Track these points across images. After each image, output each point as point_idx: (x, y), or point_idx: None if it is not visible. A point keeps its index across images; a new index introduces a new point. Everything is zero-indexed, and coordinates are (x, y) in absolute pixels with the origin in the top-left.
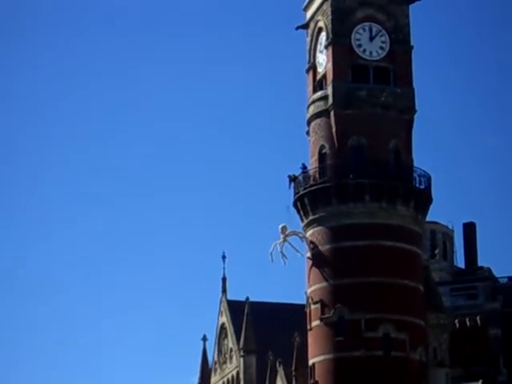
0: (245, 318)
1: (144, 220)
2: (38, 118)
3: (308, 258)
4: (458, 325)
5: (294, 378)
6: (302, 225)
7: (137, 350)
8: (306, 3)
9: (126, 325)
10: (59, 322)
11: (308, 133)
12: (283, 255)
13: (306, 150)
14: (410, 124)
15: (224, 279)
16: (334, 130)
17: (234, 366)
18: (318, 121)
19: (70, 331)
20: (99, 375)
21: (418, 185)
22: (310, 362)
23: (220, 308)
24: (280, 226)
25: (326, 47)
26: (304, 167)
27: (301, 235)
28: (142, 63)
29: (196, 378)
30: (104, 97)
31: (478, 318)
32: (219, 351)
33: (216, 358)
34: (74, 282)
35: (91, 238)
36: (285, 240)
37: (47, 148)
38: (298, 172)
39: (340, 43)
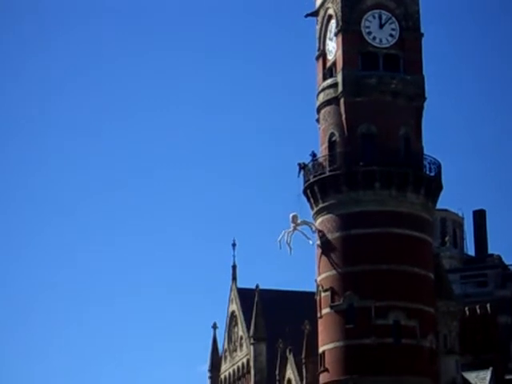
0: (255, 305)
1: (154, 208)
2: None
3: (318, 245)
4: (468, 312)
5: (304, 365)
6: (312, 212)
7: (147, 338)
8: None
9: (136, 313)
10: (63, 307)
11: (318, 120)
12: (289, 245)
13: (316, 137)
14: (419, 111)
15: (234, 267)
16: (343, 117)
17: (245, 353)
18: (327, 108)
19: (76, 320)
20: (109, 363)
21: (428, 172)
22: (320, 349)
23: (230, 296)
24: (291, 215)
25: (336, 35)
26: (314, 155)
27: (311, 225)
28: (153, 46)
29: (206, 366)
30: (106, 85)
31: (488, 305)
32: (229, 339)
33: (226, 346)
34: (80, 274)
35: (97, 230)
36: (295, 229)
37: (47, 140)
38: (307, 160)
39: (350, 31)
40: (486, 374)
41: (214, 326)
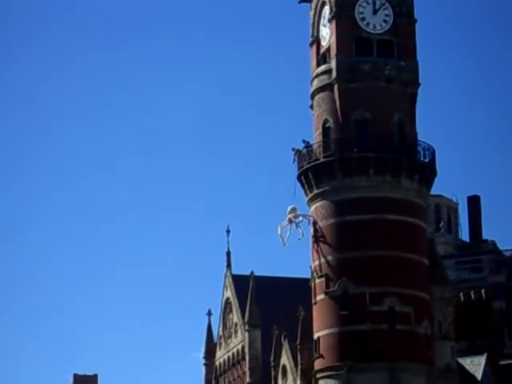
0: (249, 292)
1: (147, 195)
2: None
3: (313, 232)
4: (462, 298)
5: (299, 352)
6: (307, 199)
7: (141, 325)
8: None
9: (130, 300)
10: (57, 293)
11: (312, 107)
12: (282, 238)
13: (310, 124)
14: (413, 97)
15: (228, 253)
16: (337, 103)
17: (239, 340)
18: (321, 95)
19: (68, 301)
20: (105, 351)
21: (422, 158)
22: (315, 335)
23: (225, 282)
24: (289, 208)
25: (330, 21)
26: (306, 142)
27: (308, 218)
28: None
29: (200, 353)
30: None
31: (482, 291)
32: (224, 326)
33: (221, 333)
34: (76, 269)
35: (95, 227)
36: (291, 222)
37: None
38: (302, 146)
39: (343, 16)
40: (481, 360)
41: (209, 313)
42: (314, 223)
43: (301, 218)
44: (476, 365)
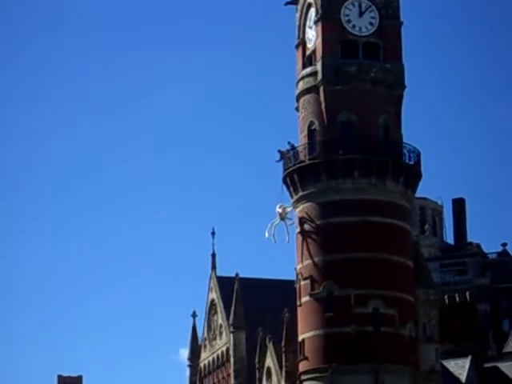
0: (234, 294)
1: (133, 196)
2: None
3: (298, 233)
4: (447, 300)
5: (283, 354)
6: (292, 201)
7: (126, 327)
8: None
9: (115, 302)
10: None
11: (297, 109)
12: (274, 236)
13: (295, 126)
14: (399, 100)
15: (213, 255)
16: (323, 105)
17: (224, 342)
18: (307, 97)
19: (55, 308)
20: (89, 352)
21: (407, 160)
22: (300, 337)
23: (210, 284)
24: (278, 205)
25: (316, 23)
26: (291, 145)
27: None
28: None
29: (186, 354)
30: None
31: (467, 293)
32: (209, 327)
33: (206, 335)
34: (61, 272)
35: (80, 231)
36: (283, 219)
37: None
38: (287, 149)
39: (329, 19)
40: (466, 362)
41: (194, 315)
42: (301, 221)
43: (291, 212)
44: (460, 367)
